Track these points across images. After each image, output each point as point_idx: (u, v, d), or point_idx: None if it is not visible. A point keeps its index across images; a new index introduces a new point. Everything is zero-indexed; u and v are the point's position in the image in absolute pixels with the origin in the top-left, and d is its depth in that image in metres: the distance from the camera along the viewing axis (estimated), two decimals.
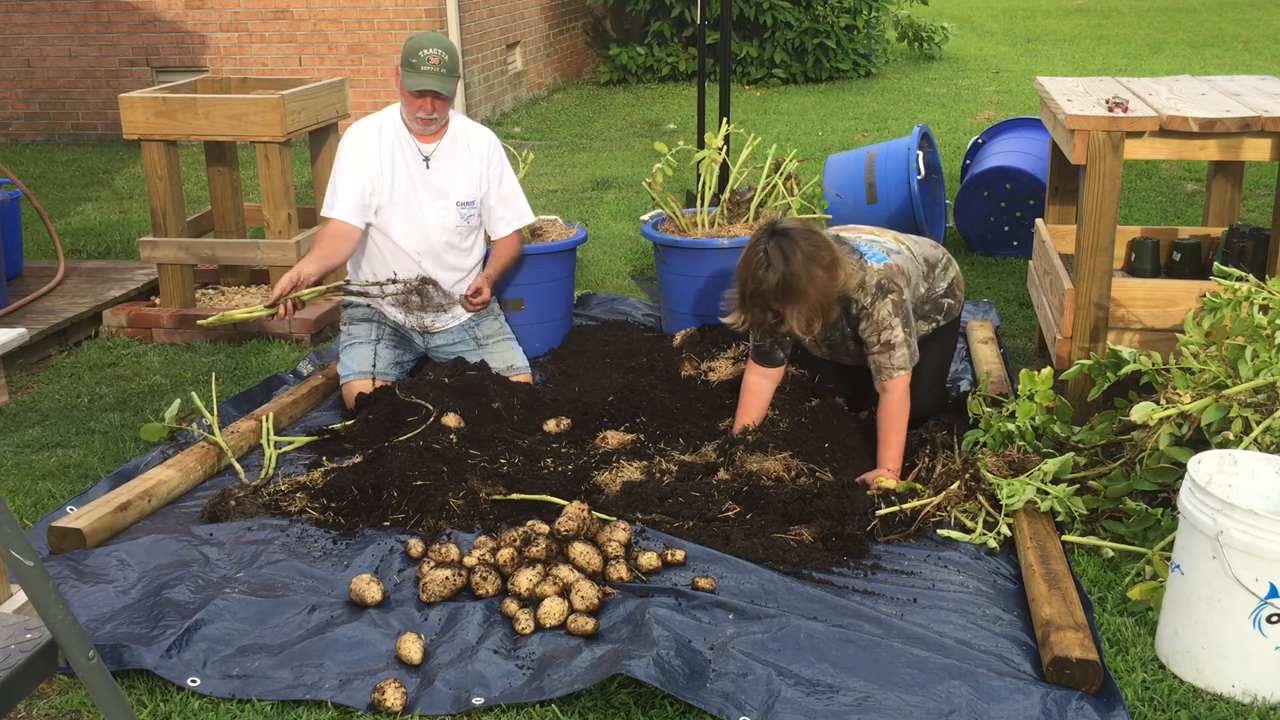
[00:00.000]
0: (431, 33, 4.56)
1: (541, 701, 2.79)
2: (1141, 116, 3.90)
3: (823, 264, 3.70)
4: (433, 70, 4.40)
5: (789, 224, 3.78)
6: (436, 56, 4.41)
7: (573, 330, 5.27)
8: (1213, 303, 3.43)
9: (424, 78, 4.40)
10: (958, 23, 16.91)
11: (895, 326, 3.82)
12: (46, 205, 7.72)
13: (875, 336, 3.84)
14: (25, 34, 10.38)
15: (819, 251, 3.70)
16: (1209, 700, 2.81)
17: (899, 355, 3.83)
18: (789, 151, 5.41)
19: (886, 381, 3.85)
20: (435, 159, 4.58)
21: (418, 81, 4.40)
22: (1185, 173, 8.13)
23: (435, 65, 4.40)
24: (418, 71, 4.41)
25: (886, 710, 2.70)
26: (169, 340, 5.45)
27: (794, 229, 3.74)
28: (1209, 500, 2.79)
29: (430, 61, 4.40)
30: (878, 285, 3.83)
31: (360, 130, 4.60)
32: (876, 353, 3.85)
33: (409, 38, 4.51)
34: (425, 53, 4.40)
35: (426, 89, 4.40)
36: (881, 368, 3.85)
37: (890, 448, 3.82)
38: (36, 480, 4.06)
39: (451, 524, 3.56)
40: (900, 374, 3.83)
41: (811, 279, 3.67)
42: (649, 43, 12.88)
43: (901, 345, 3.83)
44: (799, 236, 3.71)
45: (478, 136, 4.68)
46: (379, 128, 4.59)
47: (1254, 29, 16.23)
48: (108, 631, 3.04)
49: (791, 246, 3.67)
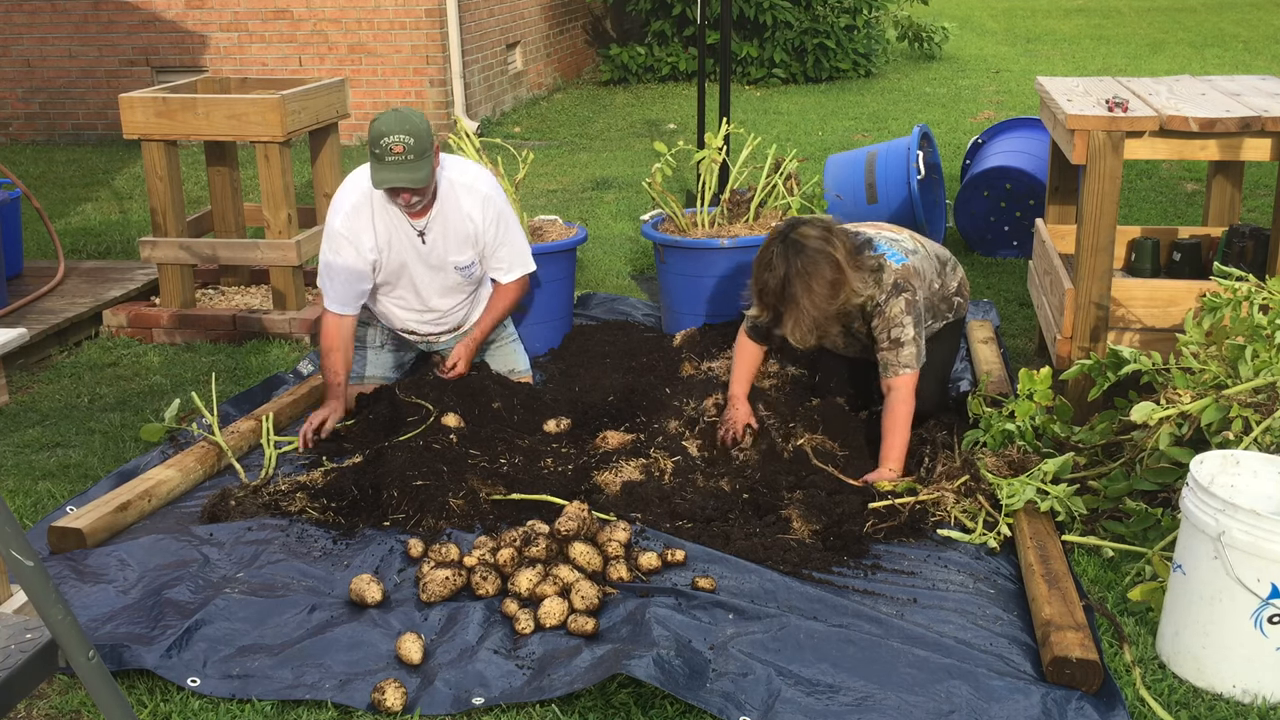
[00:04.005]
0: (393, 114, 4.07)
1: (541, 701, 2.79)
2: (1141, 116, 3.90)
3: (824, 281, 3.67)
4: (397, 160, 4.02)
5: (807, 231, 3.72)
6: (400, 144, 4.00)
7: (573, 330, 5.27)
8: (1213, 303, 3.43)
9: (388, 171, 4.03)
10: (958, 23, 16.90)
11: (906, 325, 3.82)
12: (46, 205, 7.72)
13: (885, 333, 3.84)
14: (25, 34, 10.37)
15: (821, 269, 3.66)
16: (1209, 700, 2.81)
17: (906, 353, 3.83)
18: (789, 151, 5.41)
19: (893, 379, 3.84)
20: (430, 232, 4.29)
21: (384, 178, 4.04)
22: (1185, 173, 8.12)
23: (400, 154, 4.01)
24: (382, 164, 4.04)
25: (886, 710, 2.69)
26: (169, 340, 5.45)
27: (808, 240, 3.69)
28: (1211, 500, 2.79)
29: (394, 151, 4.00)
30: (894, 284, 3.84)
31: (351, 210, 4.24)
32: (885, 349, 3.85)
33: (372, 120, 4.08)
34: (387, 141, 3.99)
35: (395, 187, 4.07)
36: (889, 365, 3.85)
37: (893, 448, 3.81)
38: (36, 480, 4.06)
39: (451, 524, 3.55)
40: (906, 372, 3.83)
41: (809, 292, 3.66)
42: (649, 42, 12.88)
43: (910, 344, 3.83)
44: (809, 249, 3.67)
45: (470, 199, 4.30)
46: (370, 208, 4.23)
47: (1254, 29, 16.23)
48: (108, 631, 3.04)
49: (795, 256, 3.66)
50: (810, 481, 3.71)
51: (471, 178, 4.34)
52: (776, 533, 3.46)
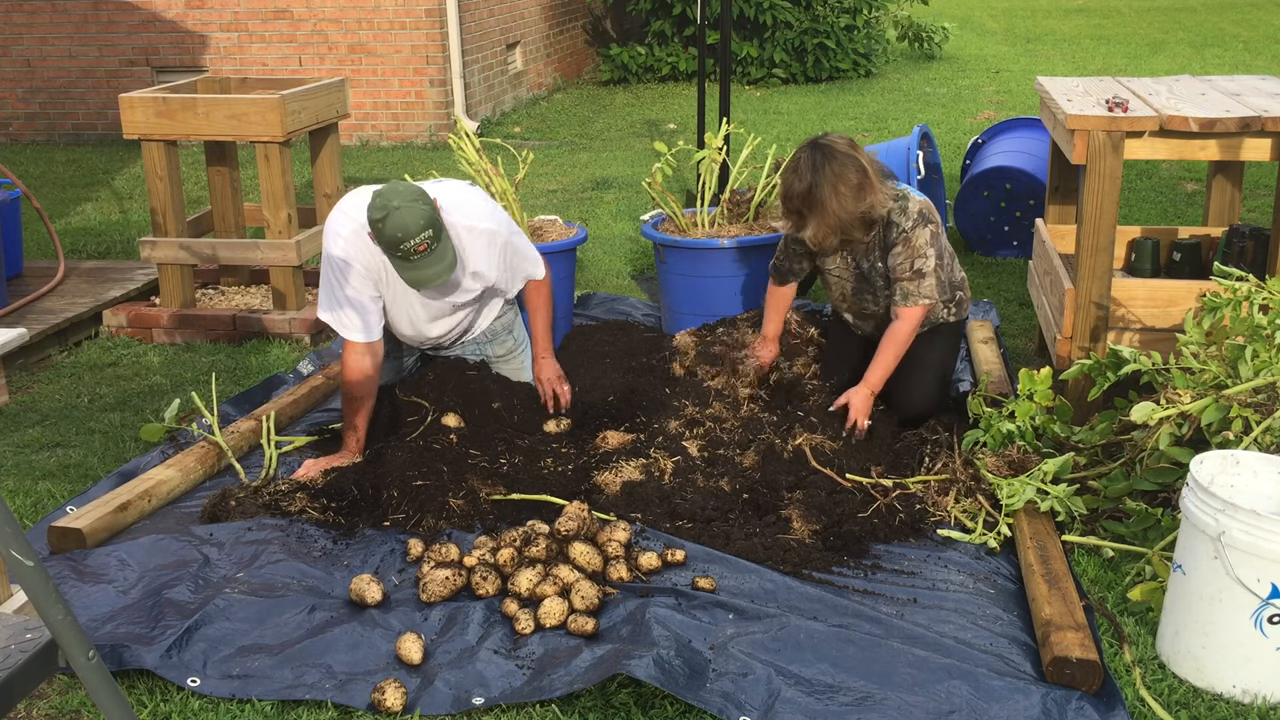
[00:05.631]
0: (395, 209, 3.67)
1: (541, 701, 2.79)
2: (1141, 116, 3.90)
3: (849, 184, 3.82)
4: (425, 257, 3.73)
5: (833, 139, 3.90)
6: (424, 242, 3.68)
7: (573, 330, 5.27)
8: (1213, 303, 3.43)
9: (421, 270, 3.75)
10: (958, 23, 16.91)
11: (929, 256, 3.93)
12: (46, 205, 7.72)
13: (908, 262, 3.93)
14: (25, 34, 10.37)
15: (847, 171, 3.82)
16: (1209, 700, 2.81)
17: (927, 284, 3.92)
18: (789, 151, 5.39)
19: (906, 308, 3.94)
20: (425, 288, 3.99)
21: (420, 278, 3.76)
22: (1185, 173, 8.12)
23: (425, 251, 3.72)
24: (410, 264, 3.74)
25: (886, 710, 2.69)
26: (169, 340, 5.45)
27: (835, 145, 3.87)
28: (1211, 500, 2.79)
29: (419, 250, 3.70)
30: (919, 213, 3.95)
31: (351, 235, 3.91)
32: (906, 279, 3.93)
33: (374, 220, 3.70)
34: (410, 244, 3.67)
35: (433, 284, 3.81)
36: (908, 294, 3.93)
37: (880, 368, 3.93)
38: (36, 480, 4.06)
39: (451, 524, 3.56)
40: (924, 303, 3.93)
41: (835, 194, 3.81)
42: (649, 42, 12.88)
43: (930, 275, 3.93)
44: (835, 153, 3.84)
45: (474, 243, 4.01)
46: (367, 251, 3.91)
47: (1254, 29, 16.23)
48: (108, 631, 3.04)
49: (823, 160, 3.82)
50: (810, 481, 3.71)
51: (472, 217, 4.01)
52: (776, 533, 3.46)
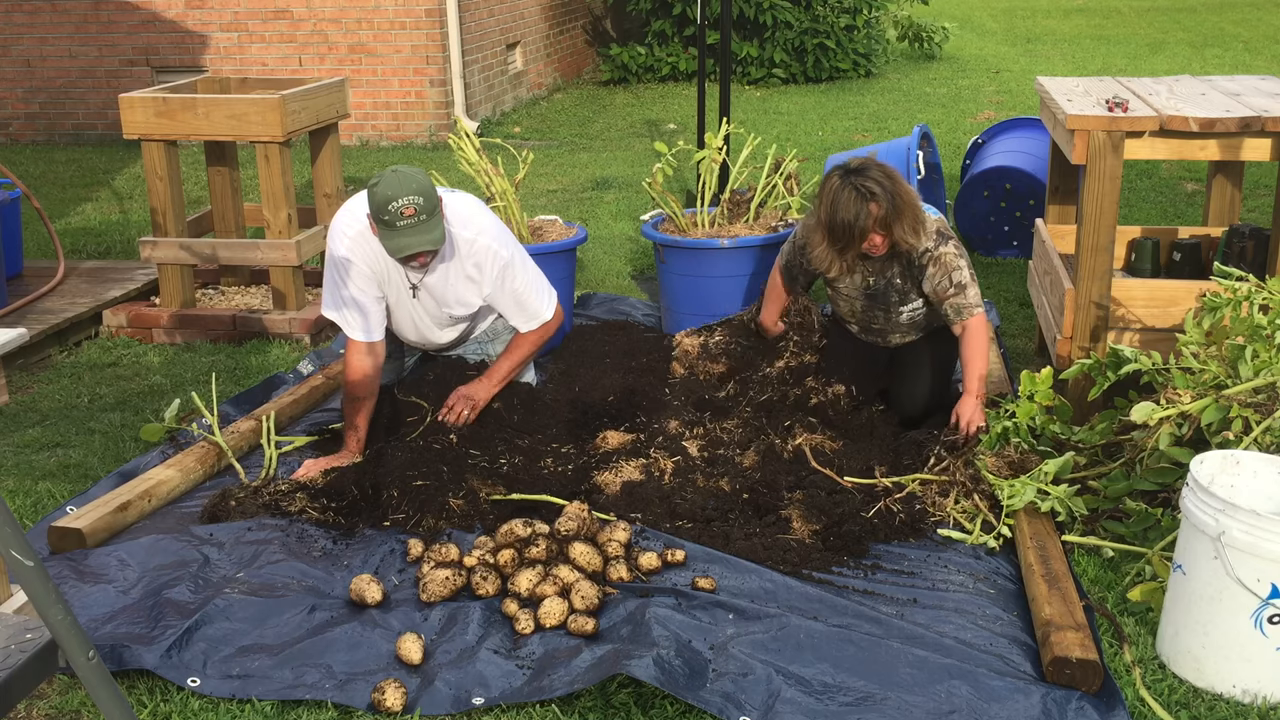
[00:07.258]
0: (392, 175, 3.76)
1: (541, 701, 2.79)
2: (1141, 116, 3.90)
3: (900, 178, 3.95)
4: (411, 224, 3.72)
5: (856, 163, 3.96)
6: (411, 206, 3.70)
7: (573, 330, 5.27)
8: (1213, 303, 3.43)
9: (404, 236, 3.74)
10: (958, 23, 16.89)
11: (962, 267, 4.00)
12: (46, 205, 7.72)
13: (946, 280, 3.98)
14: (25, 34, 10.37)
15: (893, 170, 3.96)
16: (1209, 700, 2.81)
17: (972, 292, 3.99)
18: (789, 151, 5.41)
19: (968, 321, 3.99)
20: (421, 289, 4.05)
21: (401, 244, 3.74)
22: (1185, 173, 8.12)
23: (412, 217, 3.71)
24: (395, 230, 3.74)
25: (887, 710, 2.69)
26: (169, 340, 5.45)
27: (865, 163, 3.94)
28: (1211, 500, 2.79)
29: (405, 214, 3.70)
30: (938, 232, 4.01)
31: (357, 236, 3.95)
32: (951, 296, 3.99)
33: (370, 187, 3.77)
34: (396, 205, 3.69)
35: (416, 252, 3.79)
36: (961, 308, 3.99)
37: (975, 376, 3.97)
38: (36, 480, 4.06)
39: (451, 524, 3.56)
40: (979, 310, 3.99)
41: (907, 190, 3.93)
42: (649, 42, 12.88)
43: (971, 283, 4.00)
44: (873, 166, 3.92)
45: (472, 255, 4.02)
46: (369, 250, 3.96)
47: (1254, 29, 16.23)
48: (108, 631, 3.04)
49: (879, 173, 3.90)
50: (810, 481, 3.71)
51: (475, 229, 4.01)
52: (776, 533, 3.47)
